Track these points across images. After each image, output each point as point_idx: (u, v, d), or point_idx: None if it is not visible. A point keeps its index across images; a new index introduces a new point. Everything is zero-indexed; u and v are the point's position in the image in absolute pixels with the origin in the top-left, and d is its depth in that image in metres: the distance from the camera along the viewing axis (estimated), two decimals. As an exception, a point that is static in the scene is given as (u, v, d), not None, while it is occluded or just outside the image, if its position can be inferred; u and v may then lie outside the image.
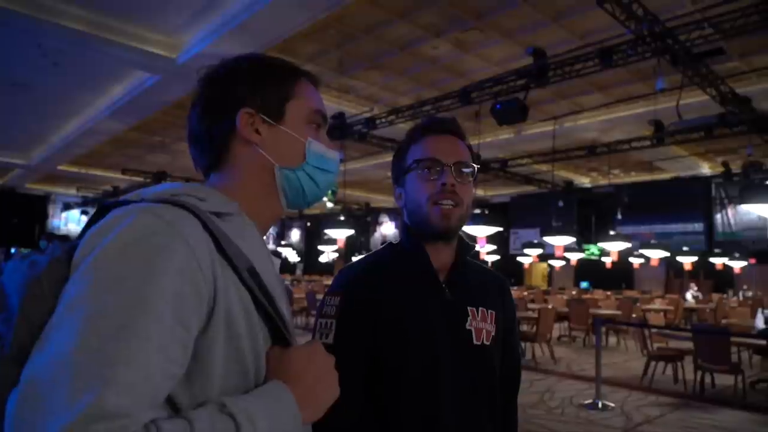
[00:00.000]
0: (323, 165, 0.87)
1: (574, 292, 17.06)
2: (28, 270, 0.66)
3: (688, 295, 15.22)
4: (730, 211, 16.14)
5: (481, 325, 1.18)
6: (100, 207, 0.72)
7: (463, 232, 1.29)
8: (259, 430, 0.62)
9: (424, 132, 1.21)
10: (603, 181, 17.22)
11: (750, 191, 8.68)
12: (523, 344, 8.81)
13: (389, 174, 1.30)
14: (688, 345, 6.64)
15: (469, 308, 1.18)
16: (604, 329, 9.56)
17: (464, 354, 1.14)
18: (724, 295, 16.16)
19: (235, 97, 0.82)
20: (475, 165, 1.20)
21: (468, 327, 1.16)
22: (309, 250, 26.72)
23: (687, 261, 16.08)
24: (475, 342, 1.16)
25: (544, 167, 14.74)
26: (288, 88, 0.86)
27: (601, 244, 15.51)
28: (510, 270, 21.33)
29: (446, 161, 1.15)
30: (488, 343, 1.18)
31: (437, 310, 1.15)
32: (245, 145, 0.83)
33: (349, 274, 1.19)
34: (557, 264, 19.36)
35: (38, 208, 21.91)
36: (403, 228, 1.24)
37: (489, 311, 1.21)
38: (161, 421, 0.57)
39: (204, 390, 0.66)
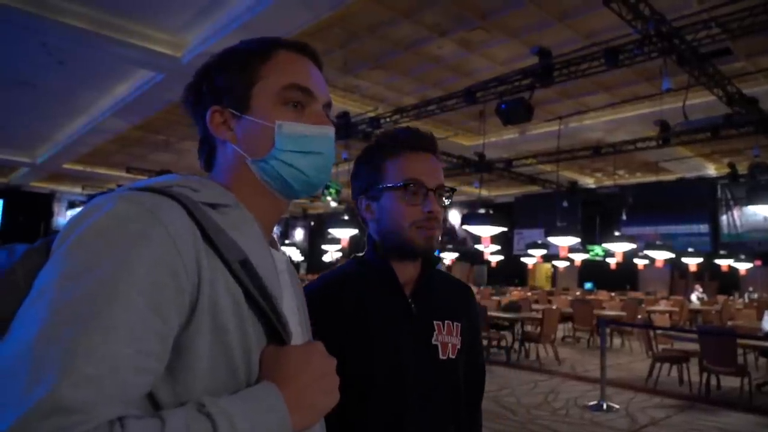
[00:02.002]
0: (302, 147, 0.78)
1: (578, 293, 17.01)
2: (6, 259, 0.64)
3: (693, 297, 15.15)
4: (735, 212, 16.08)
5: (447, 339, 1.17)
6: (89, 199, 0.70)
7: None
8: None
9: (403, 147, 1.16)
10: (608, 182, 17.18)
11: (756, 192, 8.65)
12: (527, 345, 8.80)
13: None
14: (694, 346, 6.59)
15: (435, 323, 1.17)
16: (608, 330, 9.51)
17: (431, 369, 1.13)
18: (730, 297, 16.05)
19: (203, 96, 0.80)
20: (452, 187, 1.19)
21: (434, 342, 1.15)
22: (312, 249, 26.76)
23: (692, 262, 16.01)
24: (441, 357, 1.15)
25: (548, 167, 14.72)
26: (253, 70, 0.79)
27: (605, 245, 15.46)
28: (514, 270, 21.30)
29: (430, 185, 1.13)
30: (454, 357, 1.17)
31: (403, 324, 1.13)
32: (221, 143, 0.80)
33: (312, 288, 1.17)
34: (561, 265, 19.31)
35: (43, 206, 21.99)
36: (369, 242, 1.21)
37: (455, 324, 1.19)
38: (129, 419, 0.53)
39: (188, 387, 0.62)
